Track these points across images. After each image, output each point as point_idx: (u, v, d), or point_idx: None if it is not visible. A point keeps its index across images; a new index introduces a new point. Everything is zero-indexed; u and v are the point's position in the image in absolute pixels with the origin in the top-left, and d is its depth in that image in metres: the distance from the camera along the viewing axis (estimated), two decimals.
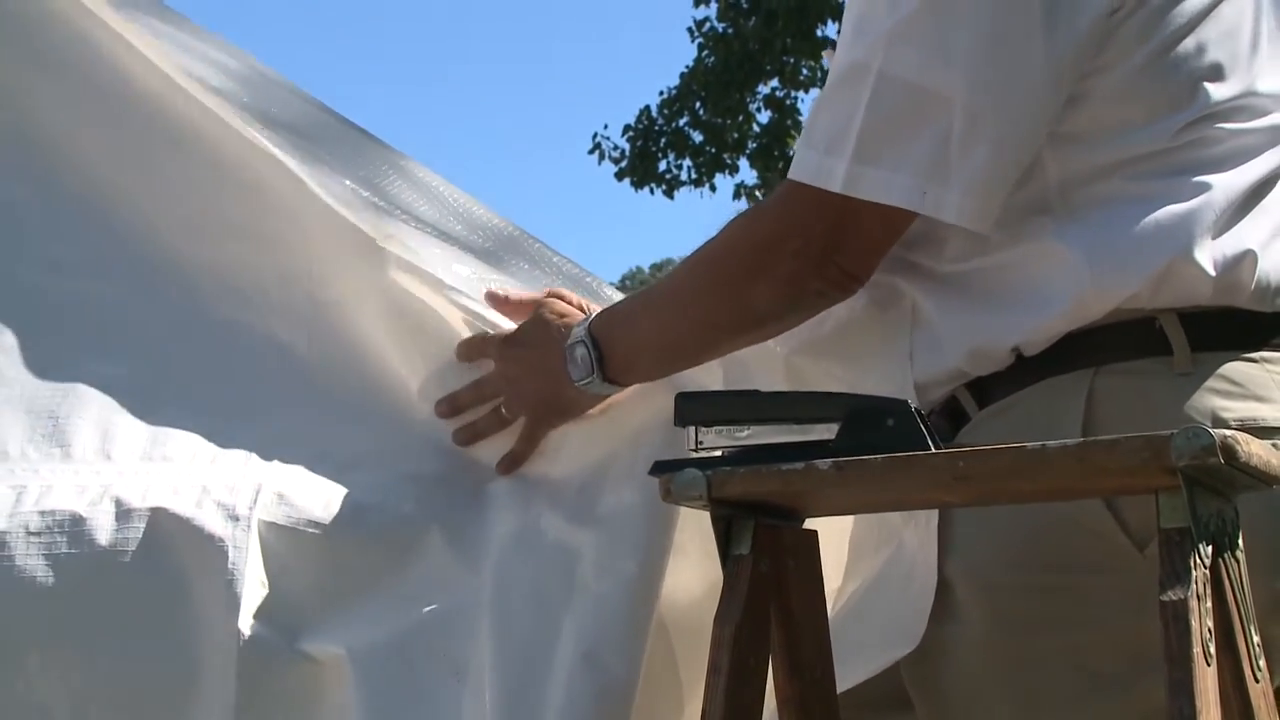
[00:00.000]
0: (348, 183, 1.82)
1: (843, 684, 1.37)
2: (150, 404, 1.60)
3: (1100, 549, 1.38)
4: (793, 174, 1.47)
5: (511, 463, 1.67)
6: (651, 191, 16.54)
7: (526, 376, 1.65)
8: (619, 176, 16.56)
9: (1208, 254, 1.40)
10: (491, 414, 1.69)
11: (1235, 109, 1.44)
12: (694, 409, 1.32)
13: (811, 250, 1.46)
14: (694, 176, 16.49)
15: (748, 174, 16.72)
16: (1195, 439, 1.11)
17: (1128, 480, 1.17)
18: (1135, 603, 1.36)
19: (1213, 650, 1.13)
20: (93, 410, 1.58)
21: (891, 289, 1.53)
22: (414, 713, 1.46)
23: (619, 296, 1.97)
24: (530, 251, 1.95)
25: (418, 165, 1.97)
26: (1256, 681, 1.19)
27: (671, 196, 16.50)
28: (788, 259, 1.47)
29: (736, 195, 16.68)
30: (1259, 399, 1.41)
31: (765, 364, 1.61)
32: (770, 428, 1.30)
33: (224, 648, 1.46)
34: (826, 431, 1.27)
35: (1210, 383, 1.41)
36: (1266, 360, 1.43)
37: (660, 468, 1.31)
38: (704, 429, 1.31)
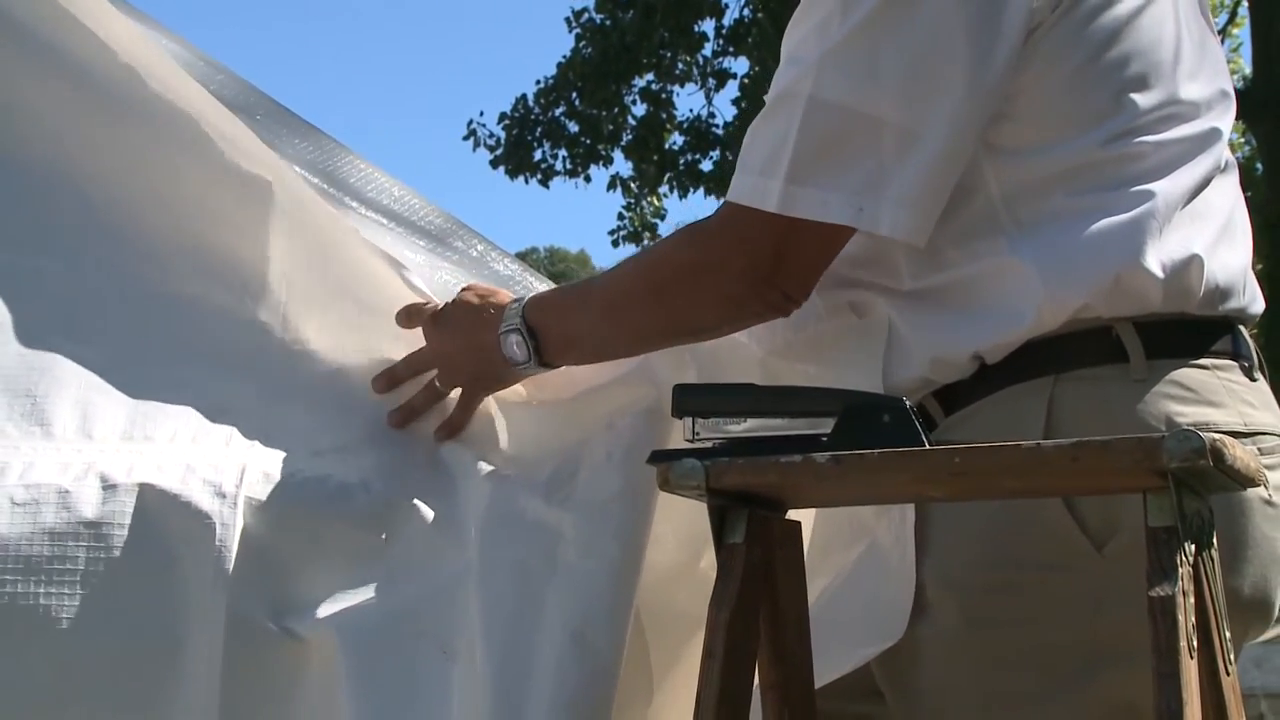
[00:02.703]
0: (298, 169, 1.82)
1: (822, 678, 1.41)
2: (129, 385, 1.59)
3: (1059, 548, 1.43)
4: (731, 196, 1.51)
5: (450, 430, 1.71)
6: (526, 181, 16.52)
7: (458, 352, 1.69)
8: (494, 164, 16.51)
9: (1155, 261, 1.46)
10: (426, 389, 1.72)
11: (1163, 118, 1.50)
12: (692, 400, 1.35)
13: (753, 272, 1.51)
14: (569, 167, 16.49)
15: (622, 166, 16.77)
16: (1186, 441, 1.16)
17: (1117, 480, 1.22)
18: (1093, 601, 1.42)
19: (1195, 644, 1.18)
20: (71, 390, 1.57)
21: (866, 302, 1.58)
22: (401, 690, 1.47)
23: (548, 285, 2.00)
24: (466, 242, 1.97)
25: (357, 156, 1.98)
26: (1228, 675, 1.26)
27: (546, 186, 16.50)
28: (729, 280, 1.52)
29: (611, 186, 16.73)
30: (1211, 404, 1.47)
31: (741, 364, 1.65)
32: (766, 421, 1.33)
33: (211, 624, 1.46)
34: (822, 426, 1.31)
35: (1164, 388, 1.46)
36: (1216, 366, 1.49)
37: (657, 457, 1.34)
38: (701, 420, 1.34)
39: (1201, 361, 1.49)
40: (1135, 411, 1.44)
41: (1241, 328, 1.54)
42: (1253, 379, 1.52)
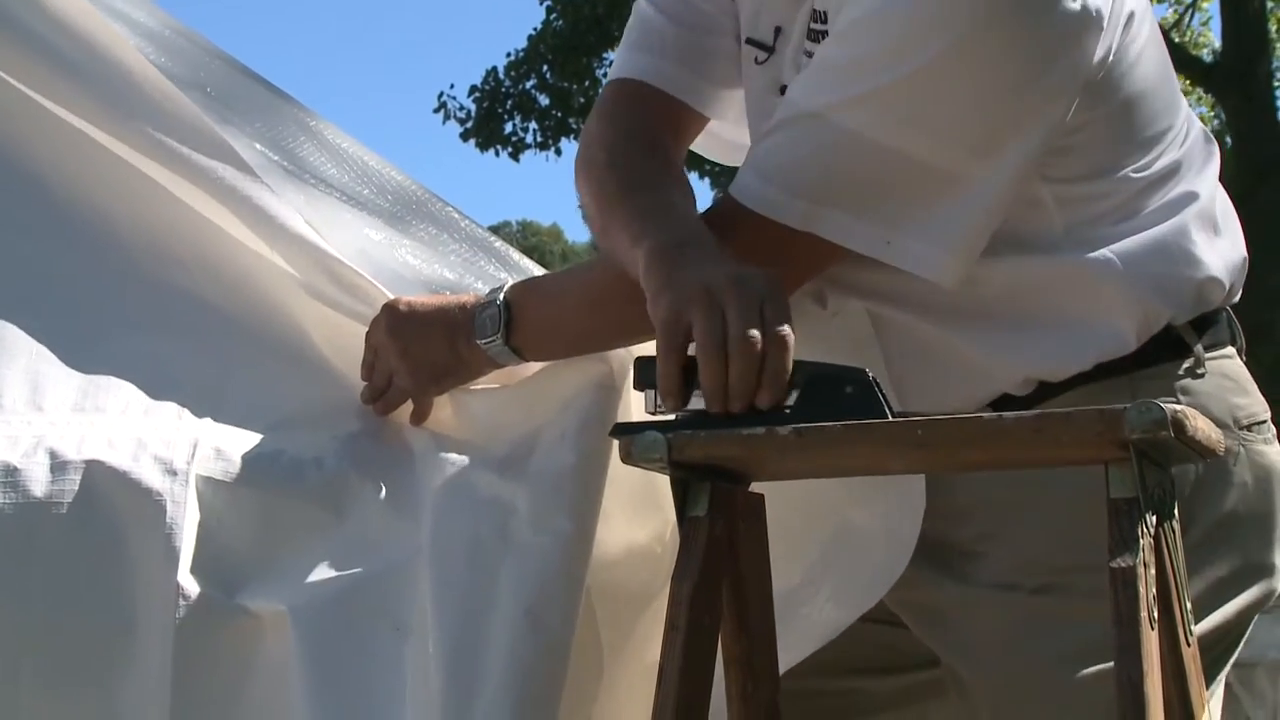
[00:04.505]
0: (258, 146, 1.80)
1: (799, 654, 1.41)
2: (80, 356, 1.57)
3: None
4: (744, 200, 1.48)
5: (414, 421, 1.67)
6: (497, 154, 16.48)
7: (418, 337, 1.63)
8: (464, 137, 16.47)
9: (1223, 269, 1.53)
10: (396, 387, 1.68)
11: (1180, 132, 1.55)
12: (653, 373, 1.34)
13: None
14: (540, 140, 16.47)
15: None
16: (1147, 413, 1.16)
17: (1080, 451, 1.22)
18: None
19: (1155, 615, 1.19)
20: (21, 361, 1.55)
21: (862, 320, 1.55)
22: (354, 667, 1.45)
23: (525, 260, 1.98)
24: (437, 214, 1.95)
25: (328, 125, 1.97)
26: (1188, 645, 1.26)
27: (517, 159, 16.47)
28: None
29: None
30: (1248, 392, 1.55)
31: None
32: None
33: (162, 602, 1.44)
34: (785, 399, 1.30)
35: (1219, 380, 1.53)
36: (1234, 355, 1.57)
37: (619, 430, 1.33)
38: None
39: (1226, 351, 1.55)
40: (1206, 406, 1.45)
41: (1230, 310, 1.59)
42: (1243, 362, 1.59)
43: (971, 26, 1.38)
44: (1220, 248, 1.54)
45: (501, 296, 1.59)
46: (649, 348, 1.62)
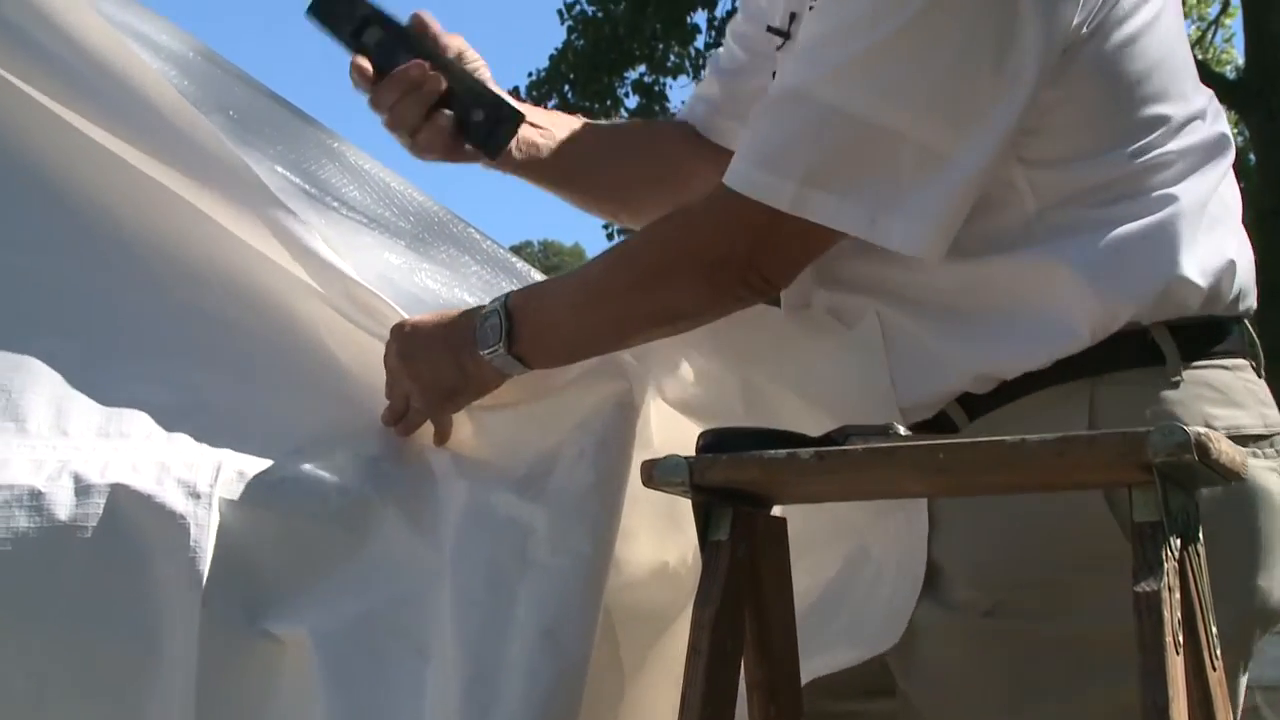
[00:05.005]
0: (279, 169, 1.81)
1: (806, 676, 1.40)
2: (104, 381, 1.58)
3: (1098, 549, 1.39)
4: (734, 185, 1.48)
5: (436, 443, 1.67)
6: None
7: (424, 357, 1.63)
8: None
9: (1197, 269, 1.46)
10: (414, 408, 1.68)
11: (1182, 125, 1.50)
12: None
13: (740, 259, 1.49)
14: None
15: None
16: (1170, 436, 1.15)
17: (1102, 475, 1.22)
18: (1130, 600, 1.41)
19: (1181, 639, 1.18)
20: (46, 385, 1.56)
21: (854, 308, 1.56)
22: (376, 691, 1.46)
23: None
24: (458, 236, 1.96)
25: (350, 147, 1.97)
26: (1214, 670, 1.25)
27: None
28: (716, 266, 1.50)
29: None
30: (1237, 405, 1.48)
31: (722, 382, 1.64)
32: None
33: (186, 626, 1.45)
34: None
35: (1198, 390, 1.47)
36: (1236, 366, 1.51)
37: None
38: None
39: (1224, 362, 1.50)
40: (1175, 415, 1.43)
41: (1247, 324, 1.54)
42: (1259, 376, 1.53)
43: None
44: (1201, 249, 1.48)
45: (502, 305, 1.59)
46: (650, 349, 1.62)
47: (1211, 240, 1.49)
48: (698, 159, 1.85)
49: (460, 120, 1.76)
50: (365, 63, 1.75)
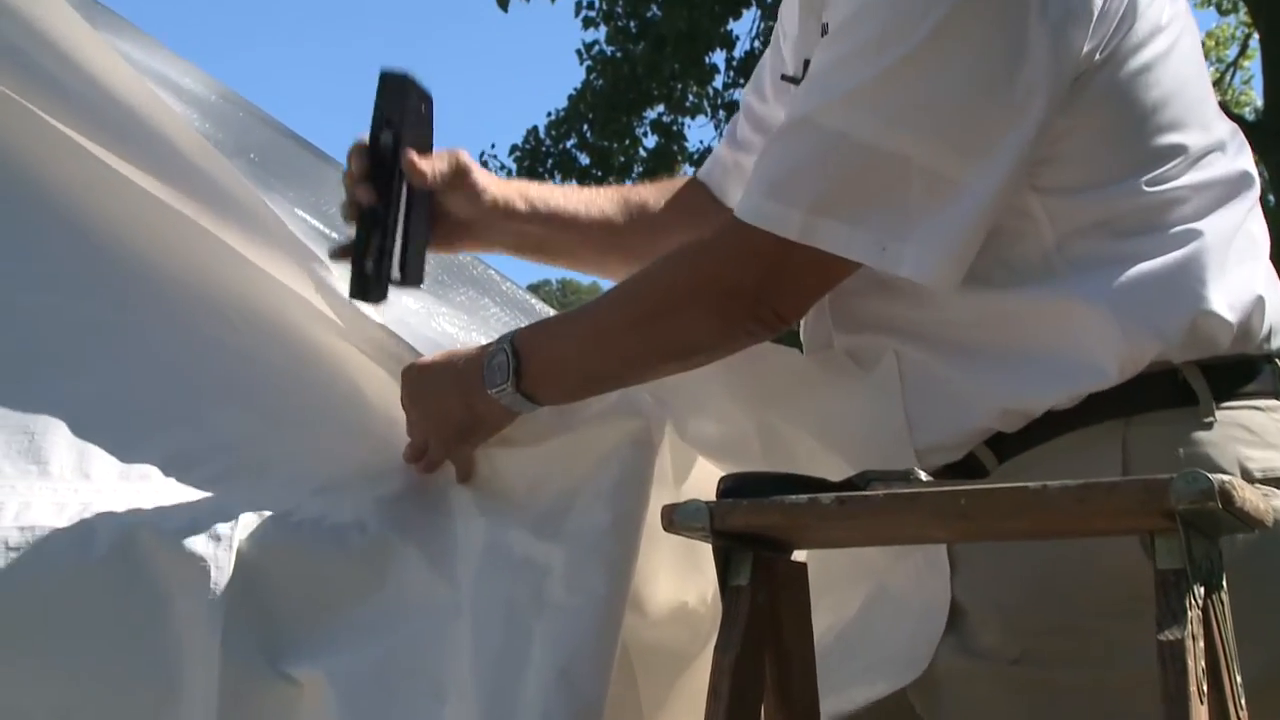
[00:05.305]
0: (299, 211, 1.82)
1: (826, 715, 1.39)
2: (126, 422, 1.59)
3: (1124, 595, 1.37)
4: (743, 215, 1.48)
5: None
6: None
7: (434, 398, 1.63)
8: None
9: (1225, 305, 1.44)
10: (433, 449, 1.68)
11: (1197, 157, 1.49)
12: None
13: (750, 291, 1.48)
14: None
15: None
16: (1194, 483, 1.14)
17: (1124, 522, 1.20)
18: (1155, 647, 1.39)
19: (1205, 689, 1.17)
20: (68, 428, 1.56)
21: (877, 350, 1.55)
22: None
23: None
24: (476, 276, 1.96)
25: None
26: (1239, 719, 1.24)
27: None
28: (726, 297, 1.49)
29: None
30: (1273, 447, 1.46)
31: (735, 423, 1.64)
32: None
33: (205, 667, 1.45)
34: None
35: (1231, 431, 1.45)
36: (1270, 407, 1.48)
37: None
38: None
39: (1256, 403, 1.48)
40: (1208, 456, 1.42)
41: (1278, 363, 1.52)
42: None
43: (951, 10, 1.37)
44: (1229, 284, 1.45)
45: (509, 342, 1.58)
46: (669, 388, 1.62)
47: (1239, 275, 1.47)
48: (716, 212, 1.85)
49: (355, 260, 1.67)
50: (363, 158, 1.70)
